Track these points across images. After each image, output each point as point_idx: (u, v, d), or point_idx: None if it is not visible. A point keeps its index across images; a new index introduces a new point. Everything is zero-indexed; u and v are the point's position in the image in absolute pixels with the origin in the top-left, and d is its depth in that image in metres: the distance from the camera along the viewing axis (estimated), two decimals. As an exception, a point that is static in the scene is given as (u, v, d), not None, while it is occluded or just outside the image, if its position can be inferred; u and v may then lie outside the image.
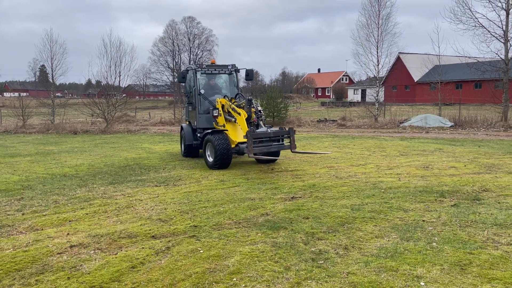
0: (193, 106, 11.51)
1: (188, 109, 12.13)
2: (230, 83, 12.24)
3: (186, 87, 12.27)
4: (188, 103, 12.18)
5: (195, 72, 11.49)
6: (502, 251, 4.46)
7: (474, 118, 22.15)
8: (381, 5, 26.34)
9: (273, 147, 9.59)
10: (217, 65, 11.96)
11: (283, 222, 5.70)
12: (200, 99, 11.29)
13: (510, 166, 9.71)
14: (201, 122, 11.28)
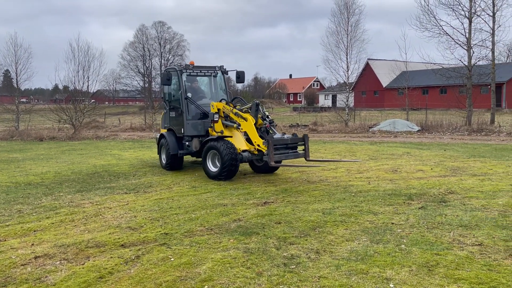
0: (178, 112, 10.38)
1: (170, 115, 10.79)
2: (217, 85, 11.29)
3: (165, 91, 11.05)
4: (170, 108, 10.79)
5: (180, 73, 10.32)
6: (467, 251, 4.60)
7: (440, 122, 22.87)
8: (350, 12, 26.94)
9: (290, 155, 8.85)
10: (203, 66, 10.88)
11: (255, 227, 5.69)
12: (188, 103, 10.21)
13: (474, 168, 10.06)
14: (189, 129, 10.15)
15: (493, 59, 24.01)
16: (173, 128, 10.68)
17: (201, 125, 10.25)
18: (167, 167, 10.66)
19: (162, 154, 10.94)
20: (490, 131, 20.30)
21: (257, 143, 8.83)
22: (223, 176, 8.95)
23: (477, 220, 5.72)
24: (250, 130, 9.04)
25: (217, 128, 9.63)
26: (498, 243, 4.81)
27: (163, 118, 11.43)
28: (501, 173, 9.38)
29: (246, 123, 9.08)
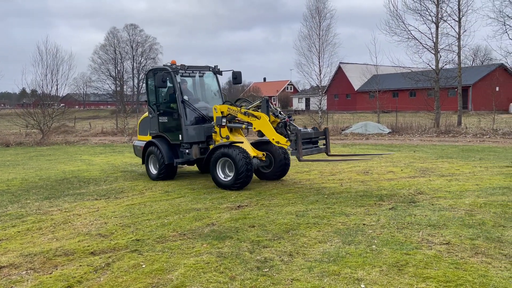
0: (173, 116, 9.42)
1: (160, 120, 9.70)
2: (212, 87, 10.51)
3: (152, 93, 9.99)
4: (160, 113, 9.73)
5: (174, 74, 9.32)
6: (435, 250, 4.72)
7: (409, 124, 23.45)
8: (321, 16, 27.32)
9: (314, 150, 8.31)
10: (196, 66, 10.05)
11: (229, 231, 5.67)
12: (185, 107, 9.31)
13: (442, 169, 10.36)
14: (188, 135, 9.25)
15: (459, 63, 24.86)
16: (164, 135, 9.68)
17: (201, 130, 9.42)
18: (160, 177, 9.65)
19: (150, 164, 9.92)
20: (457, 132, 20.96)
21: (275, 140, 8.14)
22: (237, 186, 8.25)
23: (445, 220, 5.88)
24: (265, 127, 8.29)
25: (223, 134, 8.86)
26: (465, 242, 4.96)
27: (143, 124, 10.47)
28: (467, 173, 9.70)
29: (260, 121, 8.33)
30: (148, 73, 10.29)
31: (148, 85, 10.20)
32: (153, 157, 9.84)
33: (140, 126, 10.72)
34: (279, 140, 8.14)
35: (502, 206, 6.56)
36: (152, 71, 10.07)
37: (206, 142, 9.47)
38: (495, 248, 4.71)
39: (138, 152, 10.48)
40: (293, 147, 7.91)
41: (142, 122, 10.66)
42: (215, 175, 8.58)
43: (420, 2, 24.25)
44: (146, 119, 10.40)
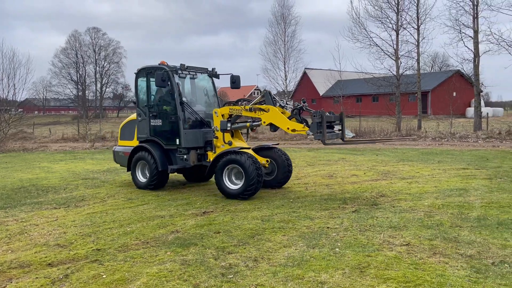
0: (170, 119, 8.83)
1: (152, 123, 9.05)
2: (208, 90, 9.92)
3: (142, 95, 9.37)
4: (153, 115, 9.05)
5: (172, 74, 8.74)
6: (396, 252, 4.84)
7: (372, 129, 24.07)
8: (286, 23, 27.74)
9: (333, 135, 7.86)
10: (194, 67, 9.47)
11: (193, 238, 5.59)
12: (184, 109, 8.78)
13: (403, 172, 10.68)
14: (187, 140, 8.66)
15: (419, 69, 25.83)
16: (157, 139, 9.02)
17: (199, 135, 8.87)
18: (151, 186, 8.96)
19: (138, 171, 9.24)
20: (418, 136, 21.69)
21: (291, 128, 7.77)
22: (247, 195, 7.76)
23: (405, 221, 6.06)
24: (277, 118, 7.88)
25: (226, 139, 8.39)
26: (424, 242, 5.12)
27: (126, 128, 9.83)
28: (427, 175, 10.04)
29: (269, 113, 7.93)
30: (139, 72, 9.36)
31: (137, 85, 9.42)
32: (141, 164, 9.19)
33: (123, 131, 10.07)
34: (295, 128, 7.78)
35: (458, 207, 6.82)
36: (145, 69, 9.24)
37: (203, 148, 8.91)
38: (452, 248, 4.89)
39: (121, 158, 9.83)
40: (313, 131, 7.49)
41: (125, 126, 10.01)
42: (221, 183, 7.97)
43: (381, 10, 25.09)
44: (130, 123, 9.78)
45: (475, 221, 5.95)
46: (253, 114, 8.17)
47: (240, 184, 7.84)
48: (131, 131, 9.70)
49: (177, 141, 8.72)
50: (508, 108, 65.78)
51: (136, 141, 9.43)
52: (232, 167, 7.92)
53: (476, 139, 19.70)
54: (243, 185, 7.75)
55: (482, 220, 5.98)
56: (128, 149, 9.51)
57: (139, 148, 9.18)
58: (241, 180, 7.82)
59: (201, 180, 10.02)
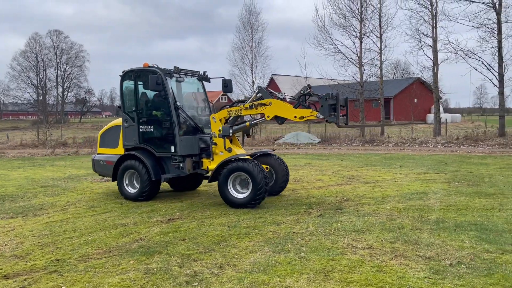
0: (163, 125, 8.31)
1: (142, 129, 8.47)
2: (201, 93, 9.46)
3: (128, 99, 8.78)
4: (142, 121, 8.47)
5: (166, 77, 8.24)
6: (359, 255, 4.94)
7: (338, 134, 24.54)
8: (253, 29, 27.91)
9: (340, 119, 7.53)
10: (188, 70, 9.05)
11: (158, 246, 5.49)
12: (179, 115, 8.33)
13: (367, 176, 10.93)
14: (183, 147, 8.16)
15: (381, 76, 26.60)
16: (148, 147, 8.44)
17: (195, 141, 8.44)
18: (142, 197, 8.34)
19: (125, 181, 8.59)
20: (381, 141, 22.30)
21: (298, 116, 7.49)
22: (255, 203, 7.45)
23: (368, 225, 6.20)
24: (281, 109, 7.57)
25: (227, 145, 7.93)
26: (386, 245, 5.25)
27: (107, 135, 9.25)
28: (389, 180, 10.32)
29: (272, 106, 7.59)
30: (126, 74, 8.70)
31: (123, 89, 8.80)
32: (130, 173, 8.53)
33: (103, 138, 9.37)
34: (302, 115, 7.47)
35: (419, 210, 7.05)
36: (133, 72, 8.61)
37: (199, 155, 8.43)
38: (413, 250, 5.04)
39: (102, 167, 9.15)
40: (325, 113, 7.25)
41: (106, 133, 9.35)
42: (226, 192, 7.58)
43: (345, 19, 25.71)
44: (112, 129, 9.18)
45: (434, 224, 6.16)
46: (255, 111, 7.82)
47: (246, 192, 7.50)
48: (113, 138, 9.07)
49: (172, 149, 8.20)
50: (466, 114, 68.82)
51: (121, 149, 8.82)
52: (238, 175, 7.55)
53: (435, 144, 20.46)
54: (250, 193, 7.41)
55: (441, 223, 6.21)
56: (112, 157, 8.86)
57: (127, 157, 8.53)
58: (246, 188, 7.52)
59: (188, 188, 9.63)
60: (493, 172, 11.17)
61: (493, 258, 4.70)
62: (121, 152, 8.75)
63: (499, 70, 21.62)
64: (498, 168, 11.86)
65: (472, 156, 15.30)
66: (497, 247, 5.05)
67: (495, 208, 7.07)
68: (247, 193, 7.48)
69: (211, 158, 8.07)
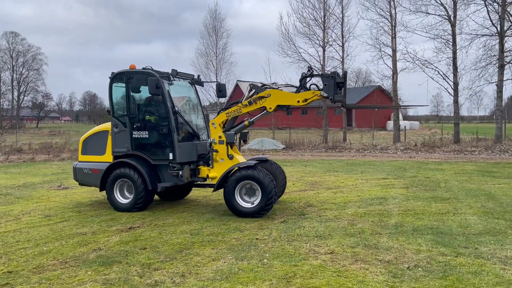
0: (160, 131, 7.83)
1: (135, 135, 7.94)
2: (193, 98, 9.03)
3: (120, 102, 8.29)
4: (136, 126, 7.94)
5: (163, 80, 7.81)
6: (321, 260, 5.00)
7: (301, 140, 24.87)
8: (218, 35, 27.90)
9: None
10: (183, 73, 8.68)
11: (117, 255, 5.33)
12: (177, 120, 7.93)
13: (329, 182, 11.12)
14: (182, 154, 7.76)
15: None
16: (142, 154, 7.93)
17: (193, 148, 8.06)
18: (137, 207, 7.82)
19: (116, 191, 7.99)
20: (343, 148, 22.78)
21: (302, 99, 7.29)
22: (264, 212, 7.21)
23: (330, 230, 6.29)
24: (282, 96, 7.42)
25: (230, 152, 7.66)
26: (347, 250, 5.34)
27: (90, 142, 8.57)
28: (350, 185, 10.55)
29: (272, 97, 7.40)
30: (116, 76, 8.13)
31: (112, 92, 8.18)
32: (121, 182, 7.97)
33: (85, 145, 8.64)
34: (305, 97, 7.27)
35: (379, 215, 7.23)
36: (124, 74, 8.04)
37: (196, 162, 8.08)
38: (372, 255, 5.15)
39: (86, 176, 8.43)
40: (330, 92, 7.08)
41: (88, 139, 8.64)
42: (233, 201, 7.25)
43: (309, 27, 26.21)
44: (97, 135, 8.56)
45: (393, 228, 6.34)
46: (255, 106, 7.56)
47: (255, 201, 7.22)
48: (98, 144, 8.43)
49: (170, 156, 7.72)
50: (424, 121, 71.59)
51: (109, 156, 8.20)
52: (246, 183, 7.24)
53: (395, 150, 21.13)
54: (260, 202, 7.12)
55: (399, 227, 6.39)
56: (98, 165, 8.23)
57: (119, 164, 7.93)
58: (254, 197, 7.26)
59: (177, 197, 9.16)
60: (448, 177, 11.65)
61: (448, 260, 4.88)
62: (109, 160, 8.16)
63: (454, 80, 22.68)
64: (453, 174, 12.38)
65: (429, 162, 15.90)
66: (451, 250, 5.25)
67: (450, 212, 7.36)
68: (256, 202, 7.19)
69: (211, 165, 7.74)
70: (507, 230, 6.11)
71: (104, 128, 8.51)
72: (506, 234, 5.94)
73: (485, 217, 6.91)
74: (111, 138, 8.16)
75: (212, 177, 7.70)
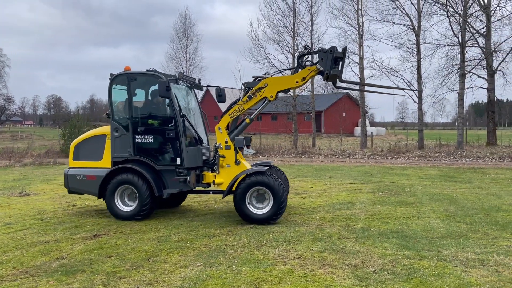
0: (167, 135, 7.54)
1: (138, 139, 7.59)
2: (191, 103, 8.70)
3: (121, 104, 7.94)
4: (139, 131, 7.59)
5: (170, 83, 7.45)
6: (289, 265, 5.02)
7: (272, 146, 25.00)
8: (188, 39, 27.73)
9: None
10: (185, 75, 8.50)
11: (81, 264, 5.17)
12: (184, 124, 7.68)
13: (298, 187, 11.22)
14: (190, 159, 7.57)
15: (313, 90, 27.65)
16: (145, 159, 7.59)
17: (199, 153, 7.87)
18: (141, 215, 7.46)
19: (117, 198, 7.58)
20: (312, 153, 23.06)
21: (299, 79, 7.27)
22: (276, 218, 7.10)
23: (299, 235, 6.33)
24: (279, 82, 7.41)
25: (238, 156, 7.56)
26: (315, 255, 5.39)
27: (83, 146, 8.09)
28: (319, 190, 10.67)
29: (270, 85, 7.32)
30: (117, 78, 7.78)
31: (112, 94, 7.80)
32: (122, 189, 7.59)
33: (77, 150, 8.13)
34: (302, 75, 7.21)
35: (346, 219, 7.35)
36: (126, 75, 7.68)
37: (201, 168, 7.89)
38: (340, 259, 5.22)
39: (81, 183, 7.93)
40: (327, 67, 7.03)
41: (81, 144, 8.14)
42: (245, 209, 7.09)
43: (279, 34, 26.44)
44: (91, 139, 8.09)
45: (359, 232, 6.45)
46: (255, 100, 7.44)
47: (265, 207, 7.11)
48: (93, 149, 7.98)
49: (178, 161, 7.48)
50: (390, 127, 73.58)
51: (107, 162, 7.79)
52: (256, 189, 7.12)
53: (362, 156, 21.58)
54: (272, 208, 7.01)
55: (366, 231, 6.52)
56: (94, 171, 7.81)
57: (120, 170, 7.55)
58: (263, 203, 7.16)
59: (172, 205, 8.77)
60: (413, 182, 12.00)
61: (412, 264, 5.01)
62: (107, 165, 7.76)
63: (418, 87, 23.44)
64: (417, 179, 12.76)
65: (394, 167, 16.33)
66: (415, 253, 5.39)
67: (414, 216, 7.57)
68: (267, 207, 7.09)
69: (217, 171, 7.55)
70: (468, 233, 6.34)
71: (101, 132, 8.10)
72: (467, 237, 6.16)
73: (447, 221, 7.15)
74: (111, 142, 7.75)
75: (219, 183, 7.49)
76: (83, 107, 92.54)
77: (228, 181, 7.37)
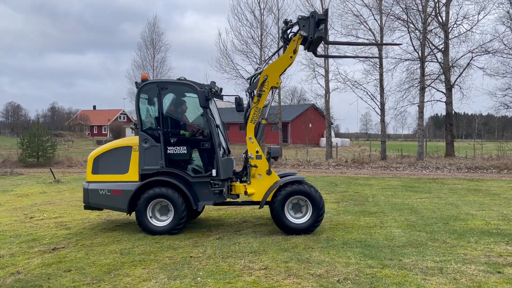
0: (201, 146, 7.32)
1: (171, 151, 7.24)
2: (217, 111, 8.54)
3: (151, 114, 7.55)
4: (173, 142, 7.25)
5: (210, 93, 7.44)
6: (255, 276, 5.00)
7: (239, 156, 24.93)
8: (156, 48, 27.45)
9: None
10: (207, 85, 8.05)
11: (38, 279, 4.96)
12: (219, 133, 7.53)
13: (265, 198, 11.23)
14: (225, 170, 7.34)
15: (279, 101, 27.94)
16: (178, 171, 7.27)
17: (230, 164, 7.62)
18: (177, 229, 7.13)
19: (148, 213, 7.16)
20: (279, 163, 23.20)
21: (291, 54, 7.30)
22: (314, 228, 7.08)
23: (265, 245, 6.34)
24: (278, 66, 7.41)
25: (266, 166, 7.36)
26: (280, 265, 5.40)
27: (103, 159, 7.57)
28: (285, 201, 10.73)
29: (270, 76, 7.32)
30: (145, 87, 7.42)
31: (140, 104, 7.43)
32: (154, 203, 7.19)
33: (97, 162, 7.60)
34: (292, 48, 7.26)
35: (311, 229, 7.42)
36: (156, 84, 7.40)
37: (231, 178, 7.65)
38: (305, 269, 5.26)
39: (104, 198, 7.38)
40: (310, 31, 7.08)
41: (103, 157, 7.62)
42: (283, 218, 7.02)
43: (247, 45, 26.66)
44: (114, 151, 7.60)
45: (324, 242, 6.53)
46: (266, 94, 7.42)
47: (303, 216, 7.09)
48: (116, 162, 7.49)
49: (214, 172, 7.24)
50: (354, 138, 75.26)
51: (133, 175, 7.34)
52: (294, 198, 7.10)
53: (327, 166, 21.94)
54: (311, 217, 7.01)
55: (330, 241, 6.60)
56: (120, 185, 7.33)
57: (153, 183, 7.19)
58: (301, 212, 7.14)
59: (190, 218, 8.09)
60: (376, 192, 12.30)
61: (374, 272, 5.11)
62: (134, 179, 7.32)
63: (381, 100, 24.18)
64: (380, 189, 13.09)
65: (358, 178, 16.69)
66: (378, 262, 5.51)
67: (377, 225, 7.75)
68: (305, 217, 7.08)
69: (248, 181, 7.43)
70: (428, 242, 6.55)
71: (125, 143, 7.66)
72: (426, 245, 6.36)
73: (408, 230, 7.35)
74: (139, 154, 7.33)
75: (250, 194, 7.35)
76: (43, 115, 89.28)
77: (260, 191, 7.27)
